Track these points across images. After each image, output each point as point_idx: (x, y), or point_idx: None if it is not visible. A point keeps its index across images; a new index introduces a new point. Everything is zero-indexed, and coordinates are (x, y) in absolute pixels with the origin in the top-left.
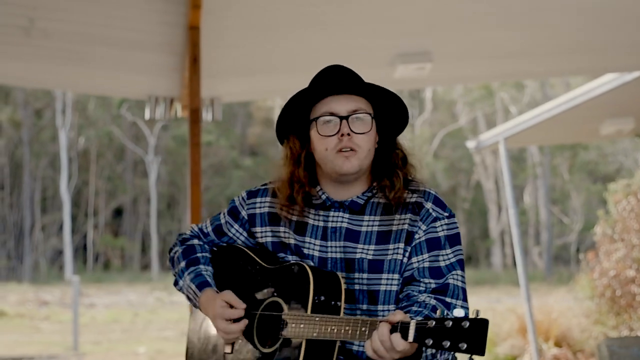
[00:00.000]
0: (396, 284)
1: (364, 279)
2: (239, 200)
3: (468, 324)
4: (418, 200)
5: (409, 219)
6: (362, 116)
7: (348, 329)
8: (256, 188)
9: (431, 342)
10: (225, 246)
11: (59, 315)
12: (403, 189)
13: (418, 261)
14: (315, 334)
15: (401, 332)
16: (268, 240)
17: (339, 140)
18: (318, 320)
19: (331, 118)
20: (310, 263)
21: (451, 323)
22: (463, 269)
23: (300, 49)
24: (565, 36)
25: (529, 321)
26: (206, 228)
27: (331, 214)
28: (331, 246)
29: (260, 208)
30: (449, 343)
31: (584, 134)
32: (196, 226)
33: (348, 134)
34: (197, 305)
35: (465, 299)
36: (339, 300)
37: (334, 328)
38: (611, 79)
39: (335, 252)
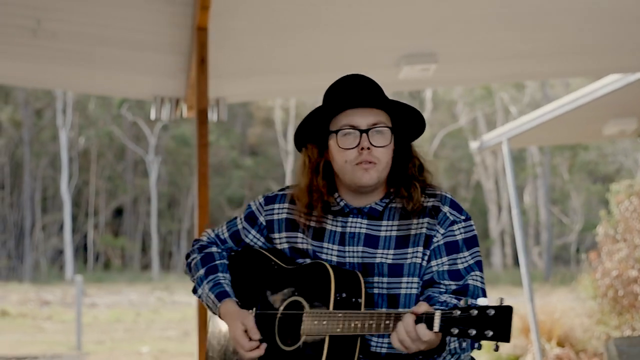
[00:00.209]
0: (416, 287)
1: (384, 282)
2: (256, 205)
3: (493, 312)
4: (435, 204)
5: (427, 223)
6: (382, 129)
7: (372, 323)
8: (273, 194)
9: (457, 331)
10: (243, 249)
11: (61, 315)
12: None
13: (437, 264)
14: (339, 330)
15: (426, 322)
16: (285, 246)
17: (358, 154)
18: (341, 316)
19: (351, 131)
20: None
21: (476, 312)
22: (481, 270)
23: (306, 50)
24: (570, 37)
25: (531, 321)
26: (222, 234)
27: (349, 219)
28: (349, 251)
29: (279, 214)
30: (474, 331)
31: (587, 135)
32: (212, 231)
33: (368, 148)
34: (216, 314)
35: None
36: (359, 297)
37: (358, 323)
38: (615, 79)
39: (353, 257)
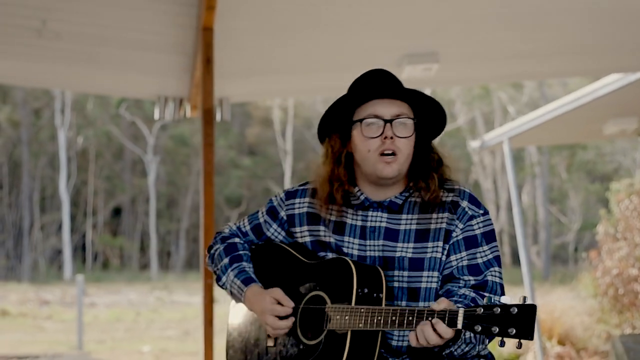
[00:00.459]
0: (436, 281)
1: (404, 276)
2: (277, 200)
3: (516, 310)
4: (454, 199)
5: (447, 218)
6: (405, 121)
7: (395, 318)
8: (294, 188)
9: (480, 329)
10: (264, 244)
11: (60, 314)
12: (438, 189)
13: (457, 259)
14: (361, 325)
15: (449, 319)
16: (307, 240)
17: (381, 143)
18: (364, 311)
19: (376, 120)
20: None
21: (500, 310)
22: (500, 265)
23: (308, 50)
24: (570, 37)
25: None
26: (244, 227)
27: (370, 213)
28: (370, 245)
29: (300, 208)
30: (497, 329)
31: (587, 134)
32: (234, 224)
33: (391, 137)
34: (241, 300)
35: (504, 294)
36: (380, 292)
37: (380, 318)
38: (615, 79)
39: (374, 250)
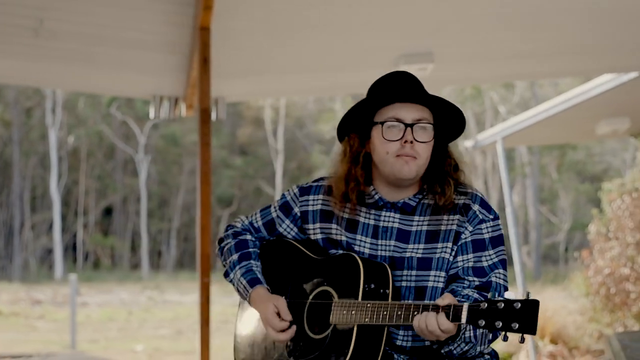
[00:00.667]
0: (442, 281)
1: (412, 275)
2: (290, 195)
3: (520, 305)
4: (466, 202)
5: (457, 220)
6: (426, 126)
7: (400, 313)
8: (308, 184)
9: (484, 323)
10: (274, 240)
11: (53, 314)
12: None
13: (463, 260)
14: (367, 320)
15: (453, 314)
16: (319, 237)
17: (401, 146)
18: (370, 306)
19: (397, 124)
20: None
21: (503, 305)
22: (505, 268)
23: (306, 50)
24: (570, 37)
25: None
26: (256, 222)
27: (383, 213)
28: (381, 244)
29: (313, 205)
30: (501, 323)
31: (580, 134)
32: (246, 218)
33: (411, 142)
34: (246, 299)
35: None
36: (387, 288)
37: (386, 313)
38: (608, 79)
39: (385, 250)
